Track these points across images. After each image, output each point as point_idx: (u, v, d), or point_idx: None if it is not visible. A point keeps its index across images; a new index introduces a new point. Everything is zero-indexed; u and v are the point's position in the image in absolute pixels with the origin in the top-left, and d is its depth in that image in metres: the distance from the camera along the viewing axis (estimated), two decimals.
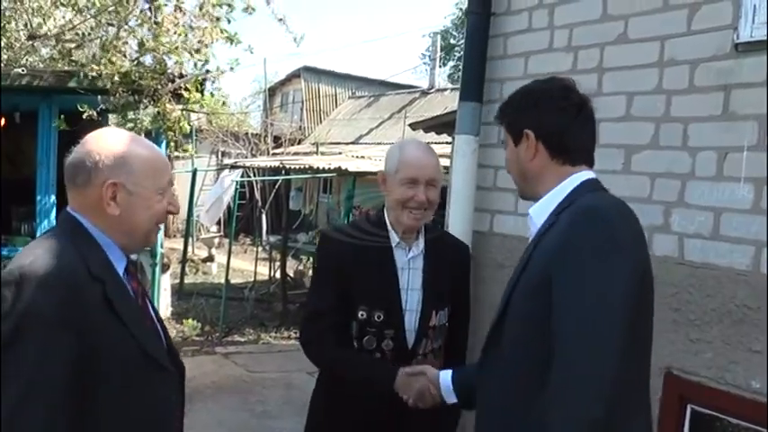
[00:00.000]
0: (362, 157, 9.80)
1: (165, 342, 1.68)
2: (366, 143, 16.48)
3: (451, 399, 2.00)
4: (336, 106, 21.80)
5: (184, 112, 4.84)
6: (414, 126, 5.66)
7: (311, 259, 9.05)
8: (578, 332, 1.37)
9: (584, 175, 1.64)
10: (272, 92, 22.67)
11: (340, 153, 10.87)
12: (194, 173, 10.61)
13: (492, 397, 1.66)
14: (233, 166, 11.69)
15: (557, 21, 3.11)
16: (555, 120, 1.65)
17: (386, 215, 2.18)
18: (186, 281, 10.08)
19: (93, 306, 1.42)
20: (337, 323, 2.09)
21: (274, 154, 16.51)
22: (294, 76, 21.92)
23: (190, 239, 12.03)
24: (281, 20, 4.92)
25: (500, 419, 1.62)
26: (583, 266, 1.41)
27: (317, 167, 7.99)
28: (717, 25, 2.51)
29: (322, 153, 12.26)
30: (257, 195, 13.62)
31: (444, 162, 2.49)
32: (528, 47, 3.24)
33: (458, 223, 3.36)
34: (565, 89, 1.71)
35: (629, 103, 2.79)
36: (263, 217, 13.26)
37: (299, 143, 18.76)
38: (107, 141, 1.56)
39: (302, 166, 8.53)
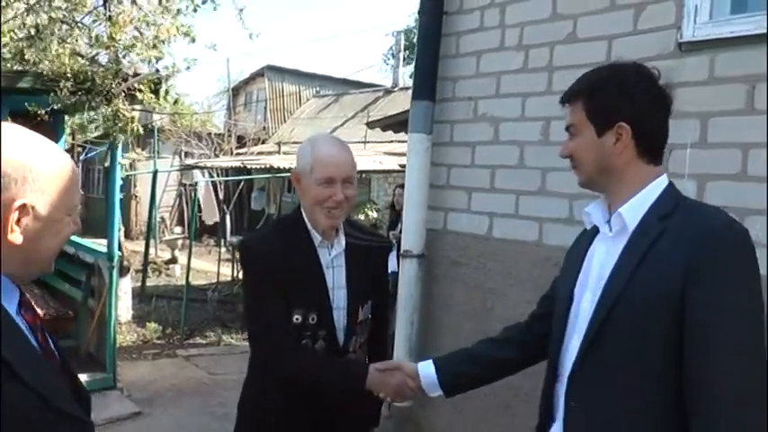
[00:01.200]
0: None
1: (71, 383, 1.38)
2: None
3: (436, 392, 1.93)
4: (300, 105, 21.68)
5: (137, 113, 4.77)
6: (371, 125, 5.65)
7: None
8: (732, 351, 1.34)
9: (665, 178, 1.57)
10: (236, 91, 22.46)
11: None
12: (155, 174, 10.45)
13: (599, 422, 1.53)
14: (194, 167, 11.52)
15: (508, 20, 3.13)
16: (654, 116, 1.55)
17: (303, 215, 2.12)
18: (149, 283, 9.93)
19: None
20: (287, 328, 2.04)
21: (238, 154, 16.37)
22: (258, 75, 21.73)
23: (152, 241, 11.85)
24: (241, 10, 4.88)
25: None
26: (736, 280, 1.38)
27: (279, 167, 7.93)
28: (661, 25, 2.56)
29: (285, 153, 12.16)
30: (221, 196, 13.49)
31: (403, 161, 2.48)
32: (480, 45, 3.25)
33: (412, 221, 3.37)
34: (656, 79, 1.57)
35: None
36: (227, 217, 13.15)
37: (262, 143, 18.62)
38: (22, 150, 1.20)
39: (264, 166, 8.46)
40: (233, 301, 8.96)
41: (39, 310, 4.88)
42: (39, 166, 1.19)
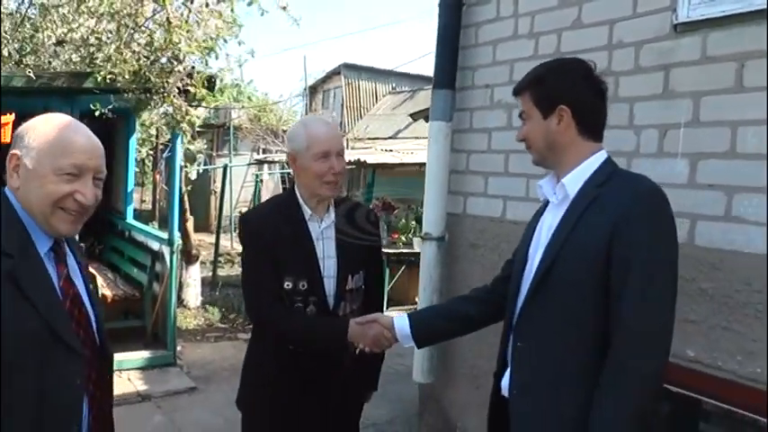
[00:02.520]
0: (390, 150, 9.95)
1: (94, 327, 1.65)
2: (404, 137, 16.60)
3: (409, 342, 2.13)
4: (376, 102, 21.99)
5: (199, 110, 5.13)
6: (415, 116, 5.80)
7: None
8: (648, 287, 1.60)
9: (604, 153, 1.80)
10: (314, 90, 23.03)
11: (370, 147, 11.05)
12: (225, 168, 10.96)
13: (540, 359, 1.77)
14: (263, 162, 12.01)
15: (520, 9, 3.21)
16: (589, 99, 1.78)
17: (297, 192, 2.32)
18: (221, 273, 10.43)
19: None
20: (279, 293, 2.24)
21: None
22: (334, 73, 22.21)
23: (228, 234, 12.40)
24: (284, 8, 5.14)
25: (552, 382, 1.75)
26: (652, 233, 1.62)
27: None
28: (658, 7, 2.59)
29: (352, 148, 12.46)
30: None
31: None
32: (496, 35, 3.35)
33: (432, 206, 3.51)
34: (591, 69, 1.81)
35: None
36: None
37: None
38: (39, 118, 1.56)
39: None
40: None
41: (110, 292, 5.35)
42: (34, 130, 1.51)
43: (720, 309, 2.37)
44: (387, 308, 8.28)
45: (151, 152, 12.31)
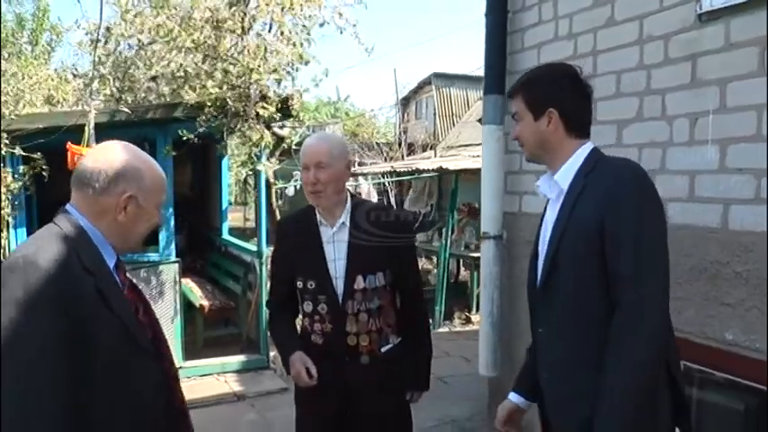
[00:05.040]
0: (477, 156, 10.00)
1: (152, 330, 1.80)
2: None
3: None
4: (468, 109, 22.05)
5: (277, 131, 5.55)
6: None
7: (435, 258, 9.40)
8: (641, 256, 1.71)
9: (590, 145, 1.96)
10: (406, 101, 23.43)
11: (458, 155, 11.18)
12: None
13: (557, 343, 1.92)
14: (352, 174, 12.44)
15: (560, 11, 3.34)
16: (575, 101, 1.93)
17: None
18: None
19: (86, 295, 1.55)
20: (282, 299, 2.63)
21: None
22: (425, 83, 22.50)
23: None
24: (354, 25, 5.45)
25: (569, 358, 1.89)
26: (638, 207, 1.74)
27: (422, 169, 8.41)
28: None
29: (441, 156, 12.64)
30: (392, 200, 14.30)
31: None
32: (539, 38, 3.48)
33: (488, 206, 3.67)
34: (577, 73, 1.99)
35: (618, 81, 2.97)
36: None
37: (431, 148, 19.25)
38: (126, 155, 1.69)
39: (409, 169, 8.99)
40: None
41: (207, 302, 5.82)
42: (145, 172, 1.69)
43: (755, 291, 2.40)
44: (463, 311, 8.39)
45: (251, 173, 13.03)
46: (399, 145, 18.78)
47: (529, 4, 3.57)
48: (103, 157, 1.66)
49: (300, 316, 2.64)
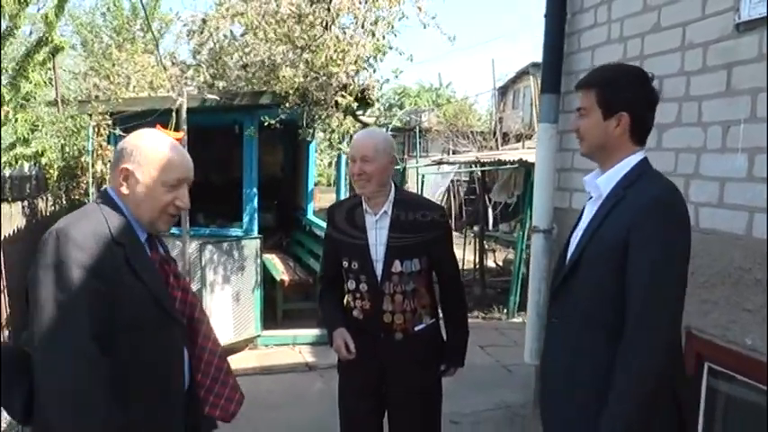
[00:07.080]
0: None
1: (187, 305, 1.93)
2: None
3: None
4: None
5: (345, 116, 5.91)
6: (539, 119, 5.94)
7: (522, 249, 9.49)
8: (652, 281, 1.78)
9: (641, 154, 2.01)
10: (504, 90, 23.24)
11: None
12: (402, 171, 11.72)
13: (567, 336, 2.02)
14: (439, 162, 12.62)
15: (613, 15, 3.41)
16: (646, 108, 1.96)
17: None
18: None
19: (116, 263, 1.68)
20: (332, 276, 2.96)
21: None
22: (523, 73, 22.22)
23: None
24: (434, 18, 5.66)
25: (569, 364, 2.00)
26: (663, 240, 1.79)
27: (503, 160, 8.50)
28: (724, 8, 2.70)
29: (528, 148, 12.61)
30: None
31: None
32: (594, 41, 3.57)
33: (540, 200, 3.80)
34: (650, 80, 1.99)
35: (660, 86, 3.01)
36: (489, 210, 13.98)
37: (527, 138, 19.06)
38: (140, 137, 1.83)
39: (492, 159, 9.09)
40: (469, 285, 9.74)
41: (287, 277, 6.31)
42: (143, 148, 1.80)
43: None
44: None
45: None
46: (494, 134, 18.72)
47: (587, 6, 3.65)
48: (126, 139, 1.86)
49: (346, 292, 2.95)
